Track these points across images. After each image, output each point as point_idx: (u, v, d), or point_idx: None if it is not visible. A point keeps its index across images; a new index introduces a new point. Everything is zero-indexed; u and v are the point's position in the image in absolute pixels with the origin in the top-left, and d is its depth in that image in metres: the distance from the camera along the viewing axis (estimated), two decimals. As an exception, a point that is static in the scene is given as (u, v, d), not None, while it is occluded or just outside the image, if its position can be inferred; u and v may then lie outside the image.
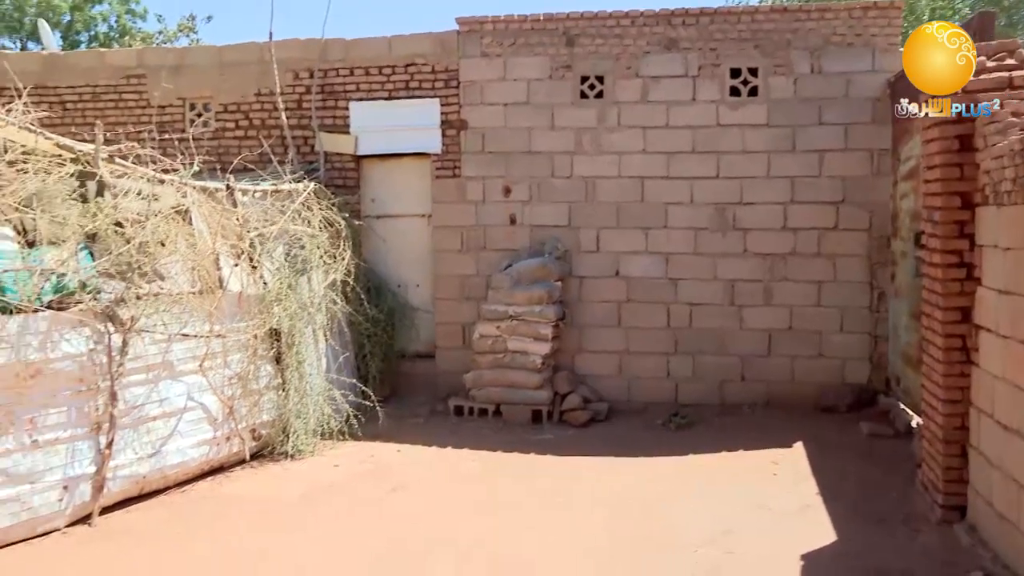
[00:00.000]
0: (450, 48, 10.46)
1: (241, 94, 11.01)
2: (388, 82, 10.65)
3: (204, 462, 7.63)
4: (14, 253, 6.36)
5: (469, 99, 10.41)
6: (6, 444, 6.10)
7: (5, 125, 6.75)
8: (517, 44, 10.28)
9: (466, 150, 10.43)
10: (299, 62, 10.85)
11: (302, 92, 10.87)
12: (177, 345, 7.38)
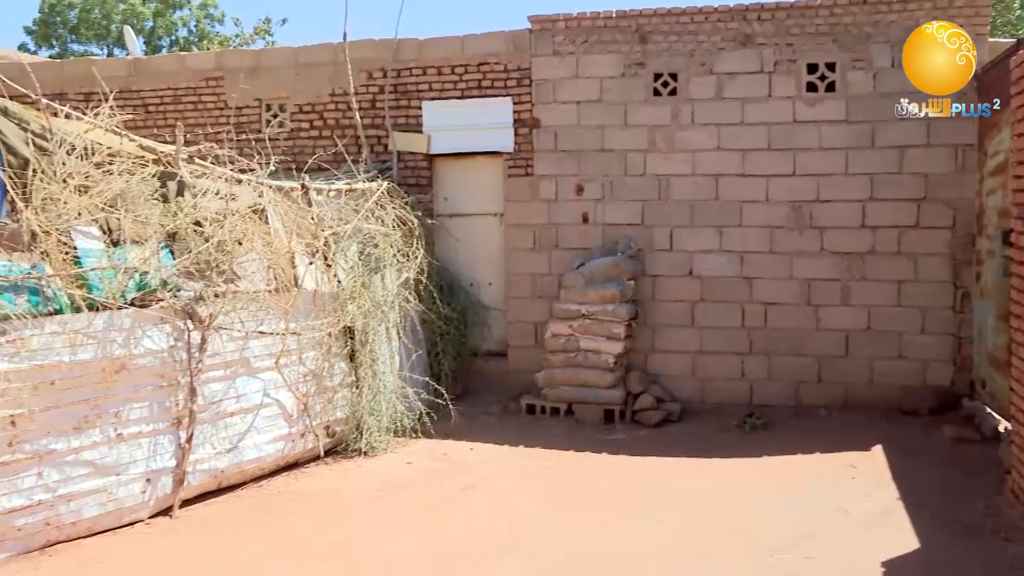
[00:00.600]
0: (522, 47, 10.46)
1: (316, 94, 11.16)
2: (460, 81, 10.69)
3: (280, 458, 7.75)
4: (100, 252, 6.52)
5: (541, 97, 10.39)
6: (93, 437, 6.26)
7: (93, 128, 6.93)
8: (590, 42, 10.22)
9: (538, 148, 10.42)
10: (373, 62, 10.96)
11: (376, 92, 10.97)
12: (254, 342, 7.50)
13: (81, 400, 6.21)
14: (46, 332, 6.01)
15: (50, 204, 6.27)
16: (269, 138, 9.85)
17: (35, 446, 5.94)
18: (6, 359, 5.74)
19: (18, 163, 6.37)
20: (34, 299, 6.03)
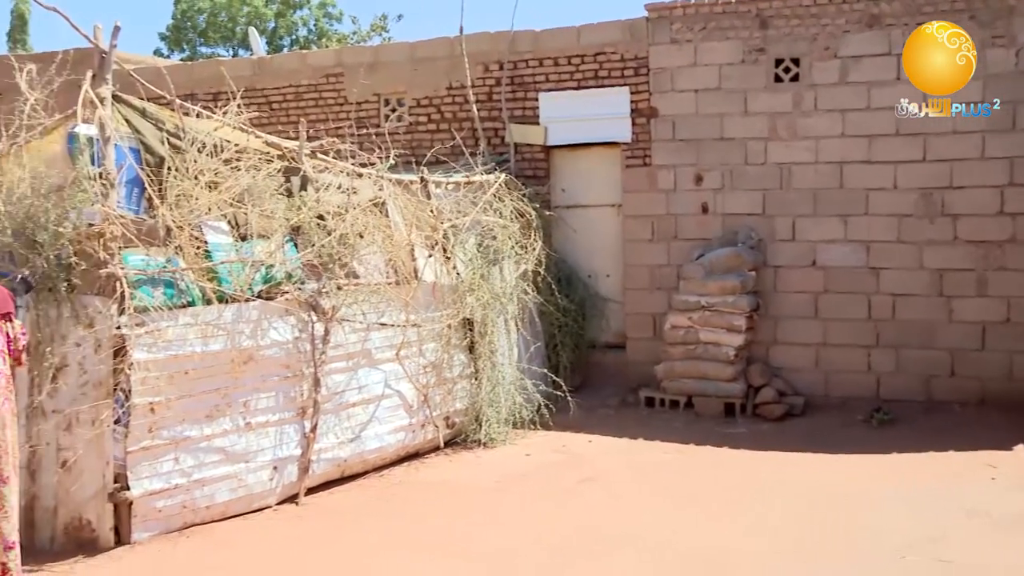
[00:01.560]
0: (639, 35, 10.33)
1: (433, 88, 11.27)
2: (577, 72, 10.63)
3: (400, 448, 7.86)
4: (229, 246, 6.74)
5: (659, 86, 10.24)
6: (224, 425, 6.48)
7: (222, 126, 7.15)
8: (708, 28, 10.02)
9: (656, 138, 10.27)
10: (489, 55, 11.00)
11: (492, 84, 11.01)
12: (375, 334, 7.63)
13: (212, 389, 6.43)
14: (180, 323, 6.24)
15: (183, 200, 6.49)
16: (388, 132, 9.97)
17: (171, 432, 6.18)
18: (144, 349, 5.98)
19: (155, 161, 6.63)
20: (169, 292, 6.26)
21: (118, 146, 6.32)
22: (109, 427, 5.90)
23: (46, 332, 5.96)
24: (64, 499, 6.02)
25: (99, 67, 6.56)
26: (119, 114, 6.62)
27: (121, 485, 5.95)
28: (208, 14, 32.82)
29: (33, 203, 6.06)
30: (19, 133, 6.59)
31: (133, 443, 5.97)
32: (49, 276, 5.97)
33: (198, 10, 32.76)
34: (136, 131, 6.70)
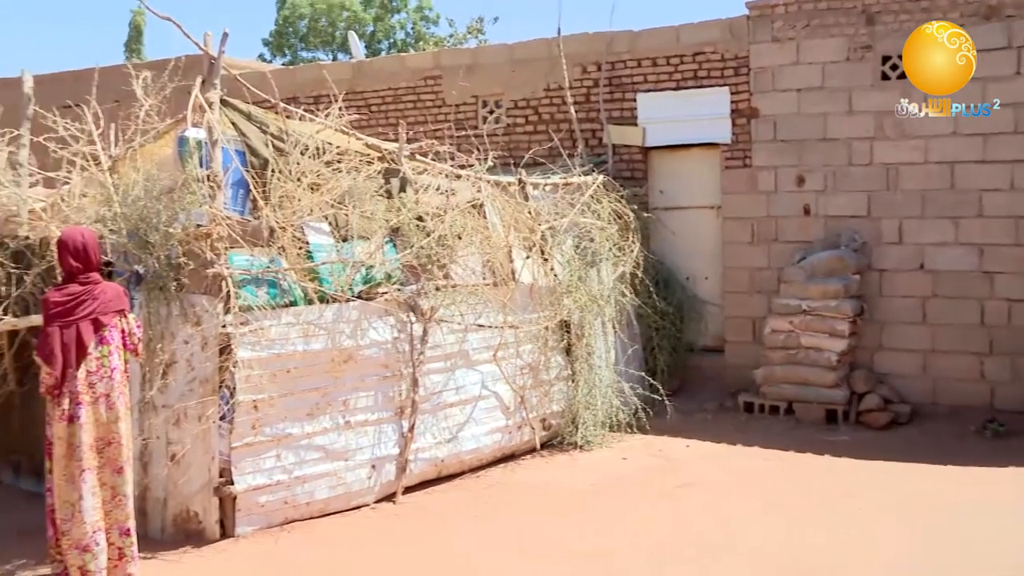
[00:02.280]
0: (739, 34, 10.14)
1: (531, 90, 11.27)
2: (676, 72, 10.50)
3: (497, 449, 7.87)
4: (330, 247, 6.84)
5: (760, 86, 10.04)
6: (324, 423, 6.58)
7: (324, 129, 7.26)
8: (811, 26, 9.77)
9: (757, 139, 10.07)
10: (586, 56, 10.95)
11: (590, 85, 10.96)
12: (473, 335, 7.65)
13: (313, 388, 6.53)
14: (282, 323, 6.36)
15: (286, 201, 6.62)
16: (486, 134, 10.02)
17: (274, 429, 6.31)
18: (249, 347, 6.12)
19: (259, 163, 6.77)
20: (272, 291, 6.39)
21: (225, 149, 6.48)
22: (215, 423, 6.05)
23: (157, 330, 6.14)
24: (173, 491, 6.20)
25: (208, 73, 6.73)
26: (226, 118, 6.79)
27: (226, 480, 6.10)
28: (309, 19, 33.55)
29: (146, 205, 6.25)
30: (134, 138, 6.82)
31: (237, 439, 6.11)
32: (159, 275, 6.16)
33: (299, 16, 33.51)
34: (242, 134, 6.86)
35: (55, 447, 5.28)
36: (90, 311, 5.30)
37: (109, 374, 5.34)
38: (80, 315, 5.28)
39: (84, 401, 5.26)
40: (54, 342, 5.21)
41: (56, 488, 5.29)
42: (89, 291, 5.35)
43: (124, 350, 5.46)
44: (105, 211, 6.59)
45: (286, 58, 33.26)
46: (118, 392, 5.37)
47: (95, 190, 6.95)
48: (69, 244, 5.39)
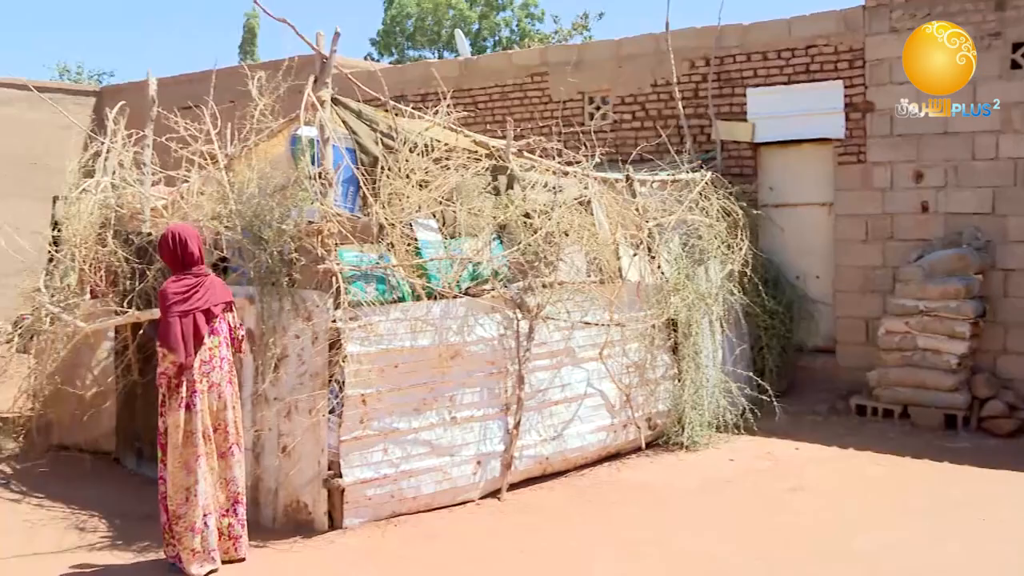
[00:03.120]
0: (855, 25, 9.82)
1: (637, 86, 11.16)
2: (787, 66, 10.25)
3: (602, 448, 7.81)
4: (438, 243, 6.89)
5: (876, 79, 9.70)
6: (430, 419, 6.63)
7: (432, 126, 7.32)
8: (933, 15, 9.36)
9: (872, 134, 9.74)
10: (694, 50, 10.78)
11: (698, 81, 10.79)
12: (578, 332, 7.61)
13: (420, 383, 6.59)
14: (391, 318, 6.43)
15: (395, 198, 6.69)
16: (593, 131, 9.95)
17: (381, 424, 6.38)
18: (358, 342, 6.20)
19: (369, 161, 6.86)
20: (381, 287, 6.47)
21: (336, 147, 6.58)
22: (324, 416, 6.15)
23: (269, 324, 6.27)
24: (284, 482, 6.33)
25: (320, 72, 6.85)
26: (337, 116, 6.90)
27: (335, 472, 6.20)
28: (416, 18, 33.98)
29: (260, 202, 6.41)
30: (249, 137, 7.00)
31: (346, 433, 6.21)
32: (272, 271, 6.29)
33: (406, 15, 33.96)
34: (352, 132, 6.96)
35: (171, 435, 5.52)
36: (203, 302, 5.57)
37: (220, 364, 5.63)
38: (195, 305, 5.53)
39: (199, 389, 5.52)
40: (177, 331, 5.42)
41: (171, 475, 5.54)
42: (201, 283, 5.62)
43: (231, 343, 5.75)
44: (221, 208, 6.79)
45: (393, 57, 33.76)
46: (227, 381, 5.67)
47: (212, 188, 7.16)
48: (191, 235, 5.70)
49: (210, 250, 6.89)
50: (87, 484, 7.32)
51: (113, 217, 7.84)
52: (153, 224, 7.71)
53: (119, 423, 7.90)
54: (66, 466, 7.80)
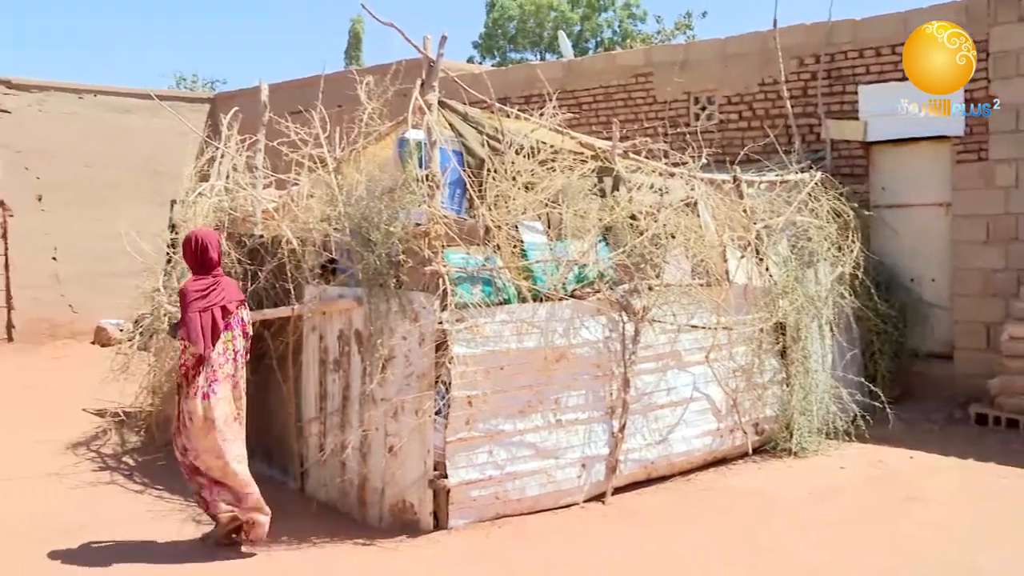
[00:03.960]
0: (978, 16, 9.42)
1: (744, 85, 10.96)
2: (902, 62, 9.90)
3: (707, 453, 7.69)
4: (543, 245, 6.88)
5: (1001, 72, 9.28)
6: (535, 421, 6.62)
7: (538, 128, 7.32)
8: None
9: (995, 130, 9.33)
10: (803, 48, 10.53)
11: (807, 79, 10.53)
12: (685, 336, 7.51)
13: (525, 386, 6.59)
14: (496, 320, 6.44)
15: (501, 201, 6.71)
16: (698, 131, 9.81)
17: (487, 425, 6.40)
18: (464, 344, 6.24)
19: (475, 163, 6.90)
20: (487, 289, 6.49)
21: (443, 149, 6.64)
22: (430, 417, 6.21)
23: (377, 325, 6.36)
24: (390, 481, 6.41)
25: (427, 75, 6.92)
26: (443, 119, 6.96)
27: (440, 473, 6.24)
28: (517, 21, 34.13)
29: (368, 204, 6.51)
30: (357, 140, 7.12)
31: (452, 434, 6.25)
32: (380, 273, 6.38)
33: (508, 17, 34.15)
34: (459, 135, 7.02)
35: (192, 421, 5.86)
36: (220, 299, 5.98)
37: (234, 356, 6.00)
38: (213, 302, 5.95)
39: (218, 378, 5.89)
40: (197, 325, 5.83)
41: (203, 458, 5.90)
42: (218, 282, 6.05)
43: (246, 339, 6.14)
44: (330, 210, 6.91)
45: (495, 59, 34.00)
46: (240, 373, 6.05)
47: (321, 191, 7.30)
48: (211, 241, 6.13)
49: (319, 252, 7.04)
50: (202, 479, 7.54)
51: (226, 220, 8.08)
52: (264, 227, 7.91)
53: (232, 420, 8.11)
54: (182, 461, 8.06)
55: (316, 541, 6.16)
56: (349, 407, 6.70)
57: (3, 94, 14.33)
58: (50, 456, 8.13)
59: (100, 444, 8.49)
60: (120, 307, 11.11)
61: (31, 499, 7.14)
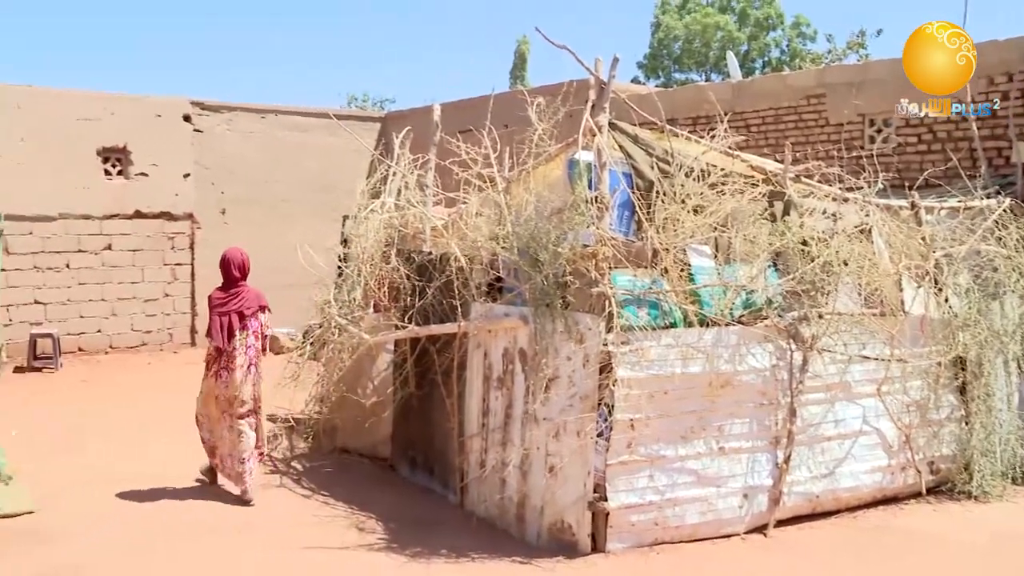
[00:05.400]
0: None
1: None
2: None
3: (877, 490, 7.36)
4: (711, 269, 6.77)
5: None
6: (697, 448, 6.51)
7: (708, 150, 7.23)
8: None
9: None
10: (994, 66, 9.97)
11: (997, 98, 9.99)
12: (855, 367, 7.23)
13: (688, 411, 6.49)
14: (662, 344, 6.38)
15: (670, 223, 6.65)
16: (874, 154, 9.45)
17: (648, 450, 6.34)
18: (628, 367, 6.20)
19: (644, 185, 6.88)
20: (653, 312, 6.45)
21: (612, 171, 6.64)
22: (592, 439, 6.19)
23: (542, 345, 6.40)
24: (550, 501, 6.43)
25: (598, 97, 6.94)
26: (614, 141, 6.97)
27: (600, 495, 6.21)
28: (683, 41, 33.86)
29: (537, 224, 6.57)
30: (527, 160, 7.21)
31: (613, 456, 6.21)
32: (547, 293, 6.42)
33: (674, 38, 33.93)
34: (628, 156, 7.01)
35: (206, 396, 7.56)
36: (237, 307, 7.52)
37: (245, 351, 7.48)
38: (230, 308, 7.51)
39: (230, 368, 7.42)
40: (216, 326, 7.47)
41: (210, 423, 7.59)
42: (237, 292, 7.59)
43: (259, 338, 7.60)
44: (498, 229, 7.02)
45: (659, 80, 33.83)
46: (249, 365, 7.51)
47: (490, 210, 7.43)
48: (235, 260, 7.66)
49: (486, 270, 7.16)
50: (365, 487, 7.79)
51: (396, 236, 8.32)
52: (433, 244, 8.10)
53: (395, 432, 8.35)
54: (347, 468, 8.35)
55: (475, 556, 6.25)
56: (511, 425, 6.77)
57: (197, 115, 15.25)
58: (226, 457, 8.56)
59: (271, 448, 8.87)
60: (292, 317, 11.60)
61: (208, 495, 7.55)
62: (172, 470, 8.13)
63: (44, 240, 13.88)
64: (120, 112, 14.43)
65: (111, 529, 6.75)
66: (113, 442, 9.09)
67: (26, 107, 13.70)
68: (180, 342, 15.00)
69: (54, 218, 13.93)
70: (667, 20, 33.88)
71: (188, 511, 7.17)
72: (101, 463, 8.39)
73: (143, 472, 8.08)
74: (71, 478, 7.90)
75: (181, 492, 7.64)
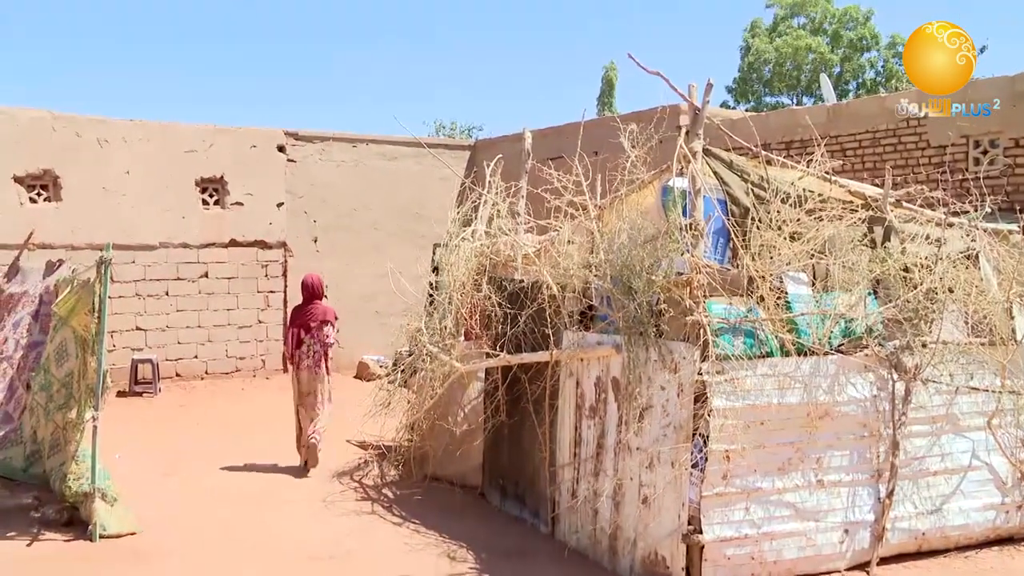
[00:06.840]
0: None
1: (1033, 127, 10.10)
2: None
3: (990, 529, 7.04)
4: (808, 297, 6.60)
5: None
6: (795, 480, 6.33)
7: (804, 175, 7.07)
8: None
9: None
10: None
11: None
12: (962, 398, 6.95)
13: (786, 443, 6.32)
14: (758, 373, 6.23)
15: (765, 251, 6.51)
16: (980, 177, 9.12)
17: (744, 482, 6.18)
18: (723, 396, 6.07)
19: (739, 212, 6.76)
20: (749, 341, 6.30)
21: (707, 198, 6.54)
22: (687, 470, 6.06)
23: (635, 373, 6.32)
24: (643, 533, 6.32)
25: (691, 123, 6.85)
26: (708, 167, 6.86)
27: (694, 528, 6.07)
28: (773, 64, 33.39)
29: (630, 252, 6.50)
30: (619, 187, 7.15)
31: (708, 488, 6.07)
32: (640, 321, 6.34)
33: (764, 61, 33.48)
34: (723, 183, 6.90)
35: (293, 389, 9.24)
36: (304, 321, 9.15)
37: (311, 355, 9.07)
38: (299, 322, 9.19)
39: (301, 367, 9.11)
40: (287, 336, 9.37)
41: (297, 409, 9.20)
42: (308, 309, 9.22)
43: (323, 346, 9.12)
44: (591, 257, 6.97)
45: (750, 104, 33.38)
46: (316, 366, 9.08)
47: (582, 237, 7.38)
48: (306, 282, 9.33)
49: (578, 298, 7.10)
50: (456, 516, 7.76)
51: (488, 264, 8.33)
52: (525, 271, 8.08)
53: (486, 461, 8.33)
54: (438, 496, 8.34)
55: (567, 588, 6.17)
56: (603, 454, 6.68)
57: (291, 145, 15.58)
58: (318, 483, 8.66)
59: (362, 475, 8.94)
60: (382, 344, 11.71)
61: (304, 520, 7.62)
62: (272, 495, 8.26)
63: (145, 268, 14.29)
64: (218, 144, 14.84)
65: (210, 550, 6.87)
66: (213, 465, 9.27)
67: (131, 140, 14.18)
68: (273, 368, 15.25)
69: (155, 247, 14.34)
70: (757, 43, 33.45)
71: (287, 536, 7.25)
72: (202, 486, 8.57)
73: (243, 494, 8.22)
74: (173, 500, 8.09)
75: (280, 516, 7.74)
